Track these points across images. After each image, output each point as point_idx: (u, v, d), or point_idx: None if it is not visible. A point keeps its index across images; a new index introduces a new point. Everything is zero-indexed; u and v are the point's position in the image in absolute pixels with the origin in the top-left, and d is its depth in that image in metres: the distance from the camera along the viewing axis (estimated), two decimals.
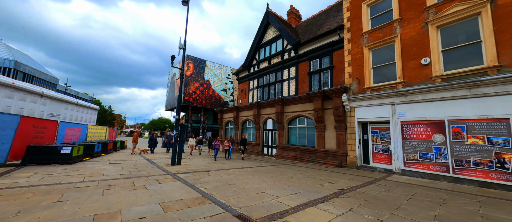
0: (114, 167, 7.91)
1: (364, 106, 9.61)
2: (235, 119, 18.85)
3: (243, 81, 19.69)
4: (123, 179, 5.91)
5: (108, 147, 12.70)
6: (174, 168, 8.23)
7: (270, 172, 8.03)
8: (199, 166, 9.01)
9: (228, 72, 36.68)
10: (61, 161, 7.82)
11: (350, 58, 10.55)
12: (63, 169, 7.02)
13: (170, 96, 38.25)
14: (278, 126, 14.24)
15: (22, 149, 7.44)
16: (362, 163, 9.70)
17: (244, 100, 19.19)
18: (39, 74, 29.01)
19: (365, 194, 5.09)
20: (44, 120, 9.00)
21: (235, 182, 6.06)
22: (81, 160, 8.93)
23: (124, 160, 10.06)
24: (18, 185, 4.79)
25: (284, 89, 14.89)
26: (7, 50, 27.54)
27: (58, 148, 7.88)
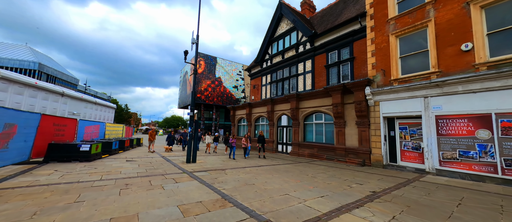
0: (131, 164, 7.87)
1: (391, 99, 8.79)
2: (247, 115, 18.52)
3: (256, 77, 19.24)
4: (140, 177, 5.75)
5: (125, 144, 12.90)
6: (189, 166, 8.04)
7: (289, 171, 7.58)
8: (215, 164, 8.76)
9: (239, 69, 36.39)
10: (80, 158, 7.91)
11: (374, 48, 9.70)
12: (82, 166, 7.05)
13: (182, 94, 38.78)
14: (293, 123, 13.68)
15: (44, 147, 7.59)
16: (388, 161, 8.94)
17: (257, 97, 18.77)
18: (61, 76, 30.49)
19: (403, 198, 4.48)
20: (64, 118, 9.20)
21: (255, 182, 5.69)
22: (100, 157, 9.04)
23: (141, 157, 10.09)
24: (38, 183, 4.75)
25: (299, 84, 14.25)
26: (32, 53, 29.21)
27: (78, 145, 7.97)
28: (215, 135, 13.98)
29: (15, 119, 5.88)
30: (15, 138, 6.00)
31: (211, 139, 13.44)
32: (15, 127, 5.89)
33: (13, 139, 5.90)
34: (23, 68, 24.97)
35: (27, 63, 25.91)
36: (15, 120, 5.85)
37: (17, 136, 6.05)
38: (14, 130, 5.87)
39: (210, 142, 13.34)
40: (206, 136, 13.66)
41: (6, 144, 5.63)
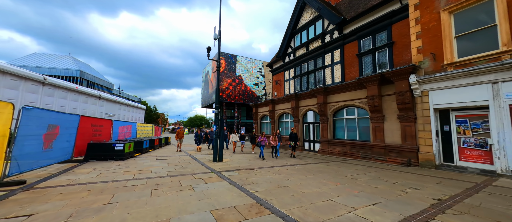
0: (160, 163, 7.96)
1: (444, 88, 7.44)
2: (270, 112, 17.99)
3: (278, 73, 18.55)
4: (170, 177, 5.65)
5: (154, 143, 13.41)
6: (216, 165, 7.84)
7: (323, 171, 6.87)
8: (241, 163, 8.45)
9: (259, 66, 35.93)
10: (115, 157, 8.25)
11: (419, 28, 8.34)
12: (117, 165, 7.29)
13: (204, 94, 39.81)
14: (321, 118, 12.75)
15: (84, 146, 8.08)
16: (442, 161, 7.62)
17: (280, 93, 18.09)
18: (98, 81, 33.54)
19: (485, 210, 3.53)
20: (100, 119, 9.79)
21: (288, 183, 5.15)
22: (132, 155, 9.40)
23: (169, 155, 10.28)
24: (77, 182, 4.89)
25: (326, 77, 13.21)
26: (74, 62, 32.67)
27: (113, 145, 8.34)
28: (241, 133, 13.53)
29: (57, 120, 6.24)
30: (58, 138, 6.38)
31: (237, 138, 12.98)
32: (57, 128, 6.26)
33: (56, 140, 6.28)
34: (67, 76, 28.05)
35: (70, 71, 29.06)
36: (57, 121, 6.21)
37: (60, 136, 6.44)
38: (57, 130, 6.24)
39: (236, 141, 12.82)
40: (232, 135, 13.10)
41: (50, 144, 5.99)
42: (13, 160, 4.57)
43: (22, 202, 3.53)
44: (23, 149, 4.84)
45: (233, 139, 12.73)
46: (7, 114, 4.20)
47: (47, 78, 10.61)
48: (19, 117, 4.62)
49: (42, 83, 10.31)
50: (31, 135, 5.12)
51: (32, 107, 5.03)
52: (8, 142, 4.28)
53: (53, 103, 11.05)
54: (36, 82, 9.97)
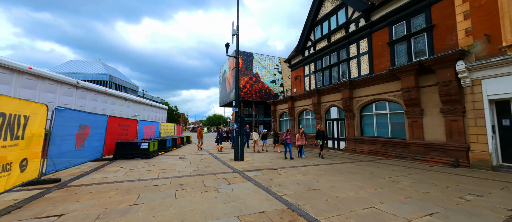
0: (183, 162, 7.97)
1: (503, 75, 6.27)
2: (290, 109, 17.39)
3: (297, 68, 17.82)
4: (193, 176, 5.53)
5: (177, 142, 13.75)
6: (238, 164, 7.62)
7: (354, 172, 6.23)
8: (264, 162, 8.12)
9: (276, 63, 35.21)
10: (141, 156, 8.49)
11: (468, 7, 7.15)
12: (143, 163, 7.45)
13: (222, 93, 40.31)
14: (346, 115, 11.86)
15: (112, 145, 8.44)
16: (501, 161, 6.46)
17: (299, 89, 17.38)
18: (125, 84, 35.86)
19: None
20: (127, 119, 10.22)
21: (319, 186, 4.68)
22: (157, 154, 9.63)
23: (191, 154, 10.36)
24: (106, 180, 4.98)
25: (351, 70, 12.23)
26: (104, 67, 35.36)
27: (138, 143, 8.59)
28: (263, 132, 12.71)
29: (87, 120, 6.51)
30: (89, 137, 6.67)
31: (258, 136, 12.27)
32: (88, 128, 6.53)
33: (87, 139, 6.57)
34: (97, 80, 30.42)
35: (100, 76, 31.53)
36: (87, 122, 6.48)
37: (90, 136, 6.73)
38: (87, 130, 6.51)
39: (257, 139, 12.16)
40: (253, 133, 12.68)
41: (82, 143, 6.27)
42: (49, 159, 4.78)
43: (55, 200, 3.60)
44: (58, 148, 5.06)
45: (255, 138, 12.20)
46: (41, 115, 4.37)
47: (80, 82, 11.37)
48: (53, 118, 4.81)
49: (76, 86, 11.07)
50: (65, 135, 5.34)
51: (64, 108, 5.24)
52: (43, 141, 4.46)
53: (85, 105, 11.83)
54: (70, 86, 10.74)
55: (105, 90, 13.60)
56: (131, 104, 17.30)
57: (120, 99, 15.59)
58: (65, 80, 10.38)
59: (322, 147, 9.74)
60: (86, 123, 6.46)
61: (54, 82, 9.85)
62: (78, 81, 11.22)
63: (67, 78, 10.52)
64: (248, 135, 13.63)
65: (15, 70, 8.06)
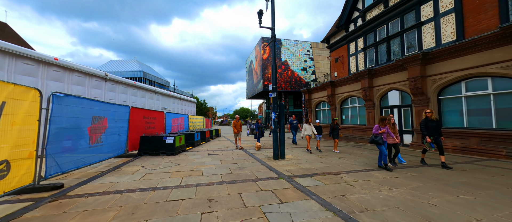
0: (212, 159, 6.61)
1: None
2: (329, 97, 14.83)
3: (338, 48, 14.97)
4: (226, 184, 3.99)
5: (206, 136, 12.76)
6: (279, 164, 5.88)
7: (472, 184, 3.87)
8: (313, 162, 6.21)
9: (307, 48, 31.94)
10: (167, 151, 7.46)
11: None
12: (167, 161, 6.32)
13: (249, 84, 38.97)
14: (415, 100, 8.99)
15: (137, 139, 7.60)
16: None
17: (342, 72, 14.60)
18: (158, 80, 37.45)
19: None
20: (152, 111, 9.39)
21: (440, 213, 2.60)
22: (184, 149, 8.56)
23: (221, 150, 9.05)
24: (116, 188, 3.78)
25: (424, 38, 9.15)
26: (138, 65, 37.33)
27: (163, 138, 7.56)
28: (316, 123, 9.15)
29: (103, 111, 5.54)
30: (108, 131, 5.73)
31: (311, 130, 8.28)
32: (104, 120, 5.57)
33: (106, 133, 5.63)
34: (133, 77, 32.10)
35: (135, 73, 33.25)
36: (103, 113, 5.52)
37: (109, 129, 5.79)
38: (104, 123, 5.56)
39: (310, 134, 8.24)
40: (304, 125, 8.44)
41: (99, 138, 5.32)
42: (50, 159, 3.76)
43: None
44: (61, 145, 4.04)
45: (307, 132, 8.23)
46: (30, 102, 3.26)
47: (108, 74, 11.03)
48: (49, 107, 3.74)
49: (104, 79, 10.74)
50: (71, 128, 4.33)
51: (65, 95, 4.18)
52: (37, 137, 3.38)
53: (115, 98, 11.55)
54: (99, 78, 10.40)
55: (134, 83, 13.26)
56: (161, 97, 17.04)
57: (149, 92, 15.31)
58: (94, 72, 10.02)
59: (440, 147, 5.49)
60: (102, 114, 5.48)
61: (82, 75, 9.50)
62: (106, 73, 10.85)
63: (95, 70, 10.15)
64: (296, 128, 11.55)
65: (41, 61, 7.68)
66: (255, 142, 10.34)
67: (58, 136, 3.96)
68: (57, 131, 3.92)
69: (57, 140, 3.94)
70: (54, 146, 3.87)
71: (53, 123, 3.82)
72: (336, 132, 8.42)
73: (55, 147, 3.88)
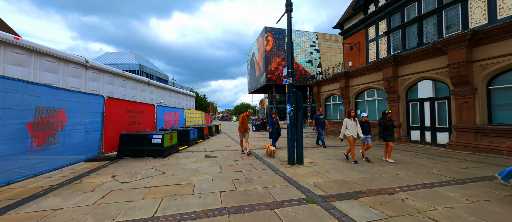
0: (210, 165, 5.11)
1: None
2: (343, 90, 13.23)
3: (353, 33, 13.27)
4: (227, 215, 2.48)
5: (204, 132, 11.28)
6: (299, 172, 4.38)
7: None
8: (341, 169, 4.70)
9: (313, 39, 30.10)
10: (153, 153, 5.96)
11: None
12: (150, 168, 4.82)
13: (251, 78, 37.30)
14: (456, 91, 7.41)
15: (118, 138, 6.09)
16: None
17: (358, 61, 12.96)
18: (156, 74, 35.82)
19: None
20: (139, 103, 7.84)
21: None
22: (176, 149, 7.06)
23: (221, 150, 7.55)
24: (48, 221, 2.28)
25: (471, 14, 7.49)
26: (135, 57, 35.69)
27: (149, 136, 6.05)
28: (363, 117, 5.99)
29: (58, 102, 4.00)
30: (67, 128, 4.22)
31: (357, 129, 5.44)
32: (60, 113, 4.05)
33: (63, 131, 4.12)
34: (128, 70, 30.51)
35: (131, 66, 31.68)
36: (58, 103, 3.98)
37: (69, 126, 4.28)
38: (60, 117, 4.03)
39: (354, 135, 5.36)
40: (346, 121, 5.43)
41: (51, 137, 3.80)
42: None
43: None
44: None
45: (350, 132, 5.34)
46: None
47: (90, 61, 9.46)
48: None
49: (85, 66, 9.18)
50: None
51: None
52: None
53: (99, 89, 10.02)
54: (77, 65, 8.83)
55: (122, 72, 11.69)
56: (155, 90, 15.47)
57: (141, 84, 13.74)
58: (70, 57, 8.43)
59: None
60: (55, 105, 3.95)
61: (56, 60, 7.93)
62: (87, 59, 9.27)
63: (73, 55, 8.57)
64: (323, 125, 8.76)
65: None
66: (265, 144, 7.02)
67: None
68: None
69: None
70: None
71: None
72: (389, 132, 5.50)
73: None
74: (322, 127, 8.88)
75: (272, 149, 6.21)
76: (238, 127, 6.79)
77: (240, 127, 6.74)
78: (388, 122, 5.59)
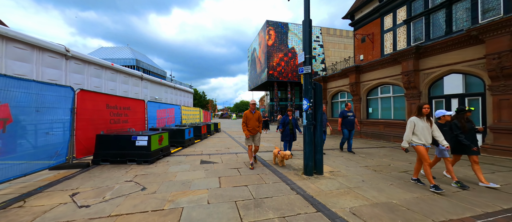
0: (206, 177, 4.04)
1: None
2: (353, 86, 12.15)
3: (366, 23, 12.13)
4: None
5: (201, 132, 10.20)
6: (323, 188, 3.33)
7: None
8: (378, 185, 3.64)
9: (316, 34, 28.88)
10: (137, 159, 4.88)
11: None
12: (128, 180, 3.75)
13: (252, 74, 36.12)
14: (495, 85, 6.35)
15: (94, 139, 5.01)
16: None
17: (370, 54, 11.85)
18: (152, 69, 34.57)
19: None
20: (123, 98, 6.71)
21: None
22: (167, 153, 5.98)
23: (221, 153, 6.47)
24: None
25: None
26: (131, 52, 34.38)
27: (132, 137, 4.96)
28: (445, 117, 4.05)
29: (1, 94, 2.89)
30: (12, 129, 3.13)
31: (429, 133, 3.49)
32: (1, 108, 2.94)
33: (7, 133, 3.02)
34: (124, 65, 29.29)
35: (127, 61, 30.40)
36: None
37: (17, 125, 3.19)
38: (2, 114, 2.93)
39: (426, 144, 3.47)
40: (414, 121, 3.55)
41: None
42: None
43: None
44: None
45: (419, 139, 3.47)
46: None
47: (71, 50, 8.32)
48: None
49: (65, 56, 8.04)
50: None
51: None
52: None
53: (84, 82, 8.90)
54: (56, 55, 7.69)
55: (111, 64, 10.55)
56: (149, 85, 14.35)
57: (134, 78, 12.60)
58: (47, 45, 7.29)
59: None
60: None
61: (28, 47, 6.80)
62: (67, 48, 8.13)
63: (48, 42, 7.42)
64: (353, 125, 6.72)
65: None
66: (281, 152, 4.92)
67: None
68: None
69: None
70: None
71: None
72: (472, 136, 3.66)
73: None
74: (350, 127, 6.69)
75: (287, 153, 4.73)
76: (243, 129, 4.88)
77: (245, 130, 4.82)
78: (467, 124, 3.67)
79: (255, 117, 4.92)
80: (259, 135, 4.98)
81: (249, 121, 4.87)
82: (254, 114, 4.92)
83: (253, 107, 4.95)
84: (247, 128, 4.85)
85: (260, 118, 5.01)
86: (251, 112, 4.92)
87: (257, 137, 4.92)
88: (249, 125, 4.86)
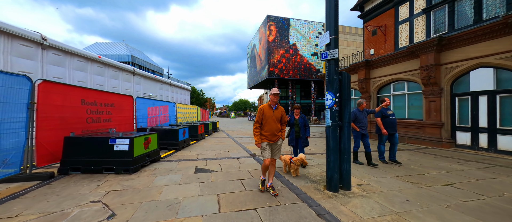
0: (202, 193, 3.11)
1: None
2: (362, 82, 11.29)
3: (378, 14, 11.21)
4: None
5: (198, 131, 9.26)
6: (360, 213, 2.42)
7: None
8: (430, 206, 2.73)
9: (318, 30, 27.93)
10: (116, 167, 3.94)
11: None
12: (97, 199, 2.82)
13: (251, 72, 35.12)
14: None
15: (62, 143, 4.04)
16: None
17: (382, 48, 10.95)
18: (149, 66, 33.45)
19: None
20: (105, 93, 5.71)
21: None
22: (156, 158, 5.03)
23: (220, 158, 5.54)
24: None
25: None
26: (126, 48, 33.23)
27: (110, 141, 4.01)
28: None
29: None
30: None
31: None
32: None
33: None
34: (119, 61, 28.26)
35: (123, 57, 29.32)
36: None
37: None
38: None
39: None
40: None
41: None
42: None
43: None
44: None
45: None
46: None
47: (49, 39, 7.29)
48: None
49: (41, 45, 7.02)
50: None
51: None
52: None
53: (66, 76, 7.90)
54: (29, 43, 6.67)
55: (98, 57, 9.53)
56: (142, 80, 13.34)
57: (125, 72, 11.59)
58: (18, 32, 6.28)
59: None
60: None
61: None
62: (44, 37, 7.11)
63: (19, 29, 6.40)
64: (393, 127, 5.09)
65: None
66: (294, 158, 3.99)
67: None
68: None
69: None
70: None
71: None
72: None
73: None
74: (392, 131, 5.06)
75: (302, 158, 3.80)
76: (254, 132, 3.13)
77: (257, 131, 3.08)
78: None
79: (277, 115, 3.10)
80: (281, 142, 3.18)
81: (266, 121, 3.04)
82: (275, 110, 3.11)
83: (275, 99, 3.11)
84: (261, 131, 3.06)
85: (284, 117, 3.25)
86: (272, 107, 3.11)
87: (277, 145, 3.14)
88: (265, 127, 3.03)
